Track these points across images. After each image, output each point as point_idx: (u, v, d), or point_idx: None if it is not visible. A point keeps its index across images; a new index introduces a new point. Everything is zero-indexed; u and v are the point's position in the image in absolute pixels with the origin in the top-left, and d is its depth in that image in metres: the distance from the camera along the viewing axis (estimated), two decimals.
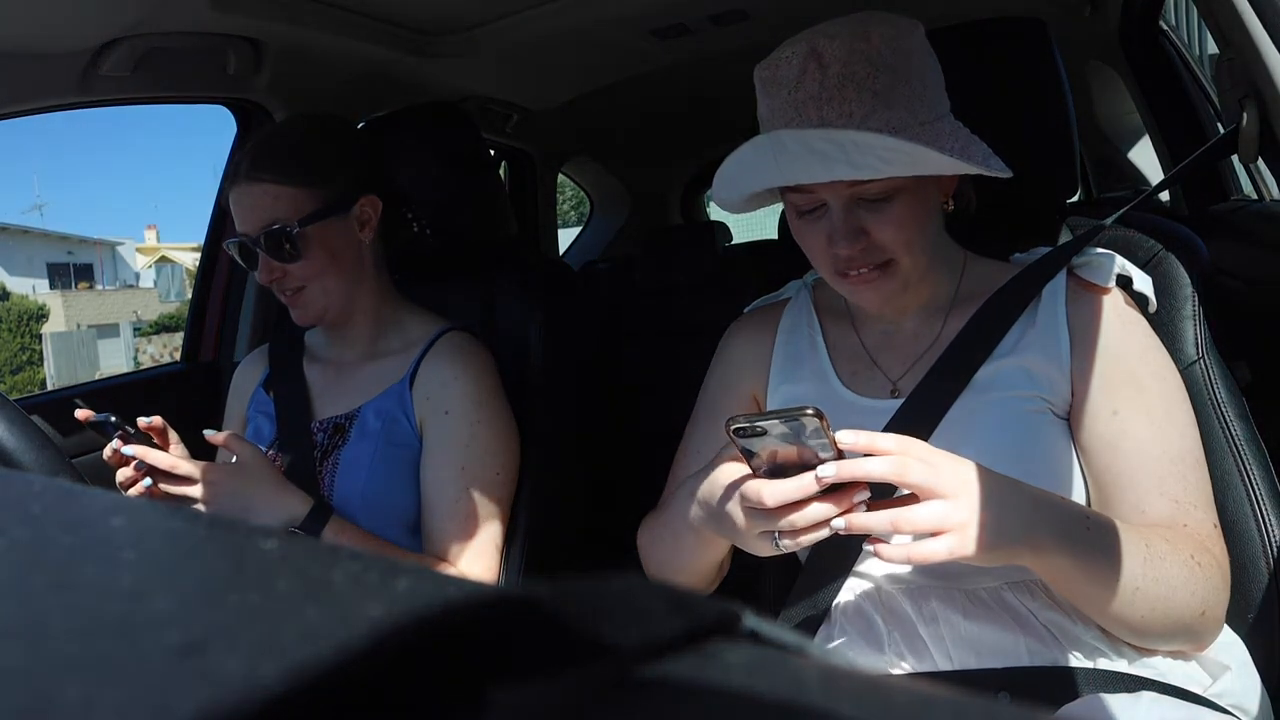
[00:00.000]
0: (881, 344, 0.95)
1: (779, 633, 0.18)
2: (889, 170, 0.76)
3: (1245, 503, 0.89)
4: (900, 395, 0.90)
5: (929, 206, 0.85)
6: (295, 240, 1.11)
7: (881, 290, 0.86)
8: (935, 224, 0.88)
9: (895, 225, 0.82)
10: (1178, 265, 0.98)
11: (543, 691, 0.15)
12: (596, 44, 1.76)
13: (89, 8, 1.17)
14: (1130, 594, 0.72)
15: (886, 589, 0.86)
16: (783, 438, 0.67)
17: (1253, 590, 0.88)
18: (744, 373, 1.01)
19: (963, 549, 0.65)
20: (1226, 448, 0.91)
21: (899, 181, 0.80)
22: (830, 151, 0.77)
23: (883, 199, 0.82)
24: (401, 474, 1.13)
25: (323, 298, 1.14)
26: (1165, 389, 0.83)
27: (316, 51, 1.50)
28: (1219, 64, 0.99)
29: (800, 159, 0.79)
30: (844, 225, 0.82)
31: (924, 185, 0.83)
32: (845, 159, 0.77)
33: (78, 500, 0.26)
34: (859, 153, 0.76)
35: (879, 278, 0.85)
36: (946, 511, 0.66)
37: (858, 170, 0.77)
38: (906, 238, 0.83)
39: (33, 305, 18.39)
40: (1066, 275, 0.89)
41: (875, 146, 0.75)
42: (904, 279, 0.86)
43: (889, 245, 0.83)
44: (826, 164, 0.78)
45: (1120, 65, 1.73)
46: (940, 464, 0.67)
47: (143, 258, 27.28)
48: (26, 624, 0.17)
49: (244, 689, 0.14)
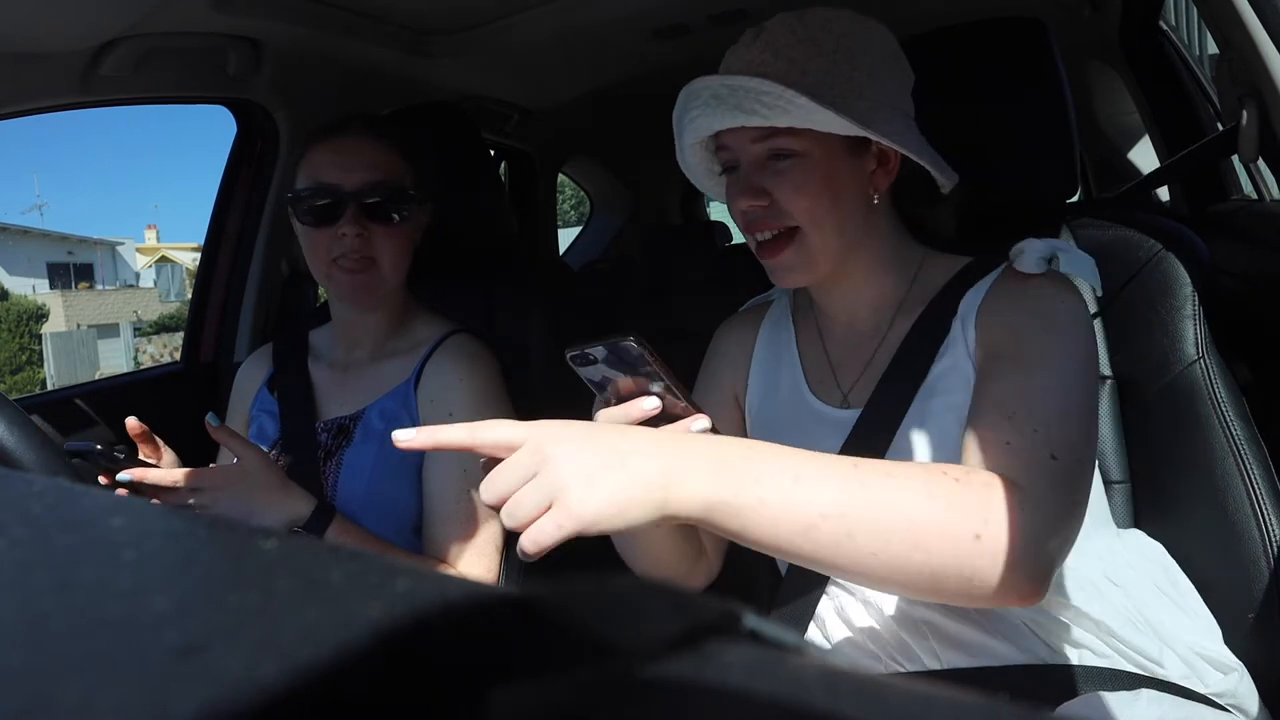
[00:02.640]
0: (840, 348, 0.95)
1: (779, 633, 0.18)
2: (771, 116, 0.80)
3: (1245, 503, 0.89)
4: (849, 405, 0.90)
5: (838, 182, 0.85)
6: (407, 201, 1.14)
7: (789, 264, 0.87)
8: (852, 206, 0.86)
9: (795, 187, 0.84)
10: (1178, 265, 0.98)
11: (543, 691, 0.15)
12: (596, 44, 1.76)
13: (89, 8, 1.17)
14: (840, 521, 0.61)
15: (864, 593, 0.86)
16: (614, 365, 0.70)
17: (1253, 590, 0.88)
18: (726, 372, 1.02)
19: (568, 519, 0.57)
20: (1226, 448, 0.91)
21: (803, 144, 0.83)
22: (726, 96, 0.82)
23: (786, 158, 0.84)
24: (405, 475, 1.13)
25: (387, 276, 1.15)
26: (1051, 363, 0.75)
27: (316, 51, 1.50)
28: (1219, 64, 0.99)
29: (704, 106, 0.84)
30: (747, 179, 0.86)
31: (833, 158, 0.84)
32: (735, 103, 0.81)
33: (78, 500, 0.26)
34: (748, 98, 0.80)
35: (786, 251, 0.86)
36: (527, 468, 0.58)
37: (745, 115, 0.81)
38: (808, 204, 0.84)
39: (33, 305, 18.38)
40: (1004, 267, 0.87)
41: (762, 92, 0.79)
42: (810, 253, 0.86)
43: (789, 208, 0.84)
44: (720, 109, 0.83)
45: (1120, 65, 1.73)
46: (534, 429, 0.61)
47: (143, 258, 27.28)
48: (26, 624, 0.17)
49: (244, 689, 0.14)
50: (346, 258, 1.12)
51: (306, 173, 1.13)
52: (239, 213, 1.70)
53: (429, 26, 1.59)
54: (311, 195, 1.12)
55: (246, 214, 1.69)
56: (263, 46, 1.43)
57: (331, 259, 1.12)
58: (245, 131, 1.66)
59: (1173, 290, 0.97)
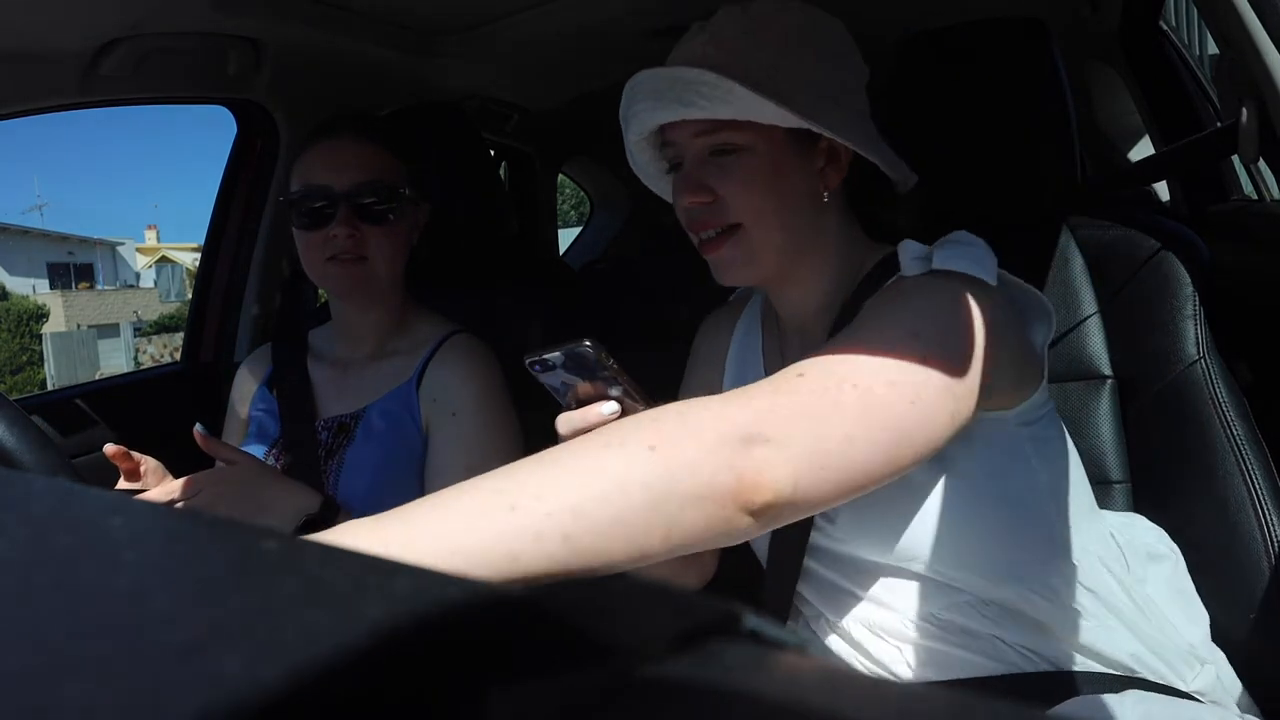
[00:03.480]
0: (795, 352, 0.92)
1: (779, 632, 0.18)
2: (710, 108, 0.78)
3: (1246, 502, 0.89)
4: None
5: (785, 180, 0.82)
6: (399, 200, 1.14)
7: (729, 260, 0.84)
8: (799, 205, 0.83)
9: (739, 183, 0.81)
10: (1178, 265, 0.98)
11: (543, 691, 0.15)
12: (596, 44, 1.76)
13: (89, 8, 1.17)
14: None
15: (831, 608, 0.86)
16: (572, 371, 0.69)
17: (1254, 590, 0.88)
18: (705, 369, 1.01)
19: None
20: (1227, 447, 0.91)
21: (747, 139, 0.80)
22: (665, 90, 0.80)
23: (729, 153, 0.81)
24: (406, 475, 1.13)
25: (381, 274, 1.15)
26: (870, 346, 0.66)
27: (316, 51, 1.50)
28: (1219, 64, 0.99)
29: (644, 100, 0.82)
30: (690, 176, 0.84)
31: (778, 153, 0.81)
32: (675, 97, 0.79)
33: (78, 500, 0.26)
34: (686, 90, 0.78)
35: (726, 246, 0.83)
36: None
37: (684, 107, 0.79)
38: (752, 201, 0.81)
39: (33, 305, 18.38)
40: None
41: (700, 83, 0.77)
42: (753, 250, 0.83)
43: (733, 205, 0.82)
44: (660, 102, 0.81)
45: (1120, 65, 1.73)
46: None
47: (143, 258, 27.29)
48: (26, 624, 0.17)
49: (244, 689, 0.14)
50: (339, 256, 1.12)
51: (299, 175, 1.14)
52: (239, 213, 1.70)
53: (429, 26, 1.59)
54: (304, 197, 1.12)
55: (246, 214, 1.69)
56: (263, 46, 1.43)
57: (325, 259, 1.13)
58: (245, 131, 1.66)
59: (1173, 290, 0.97)
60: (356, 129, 1.16)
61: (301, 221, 1.13)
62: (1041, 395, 0.80)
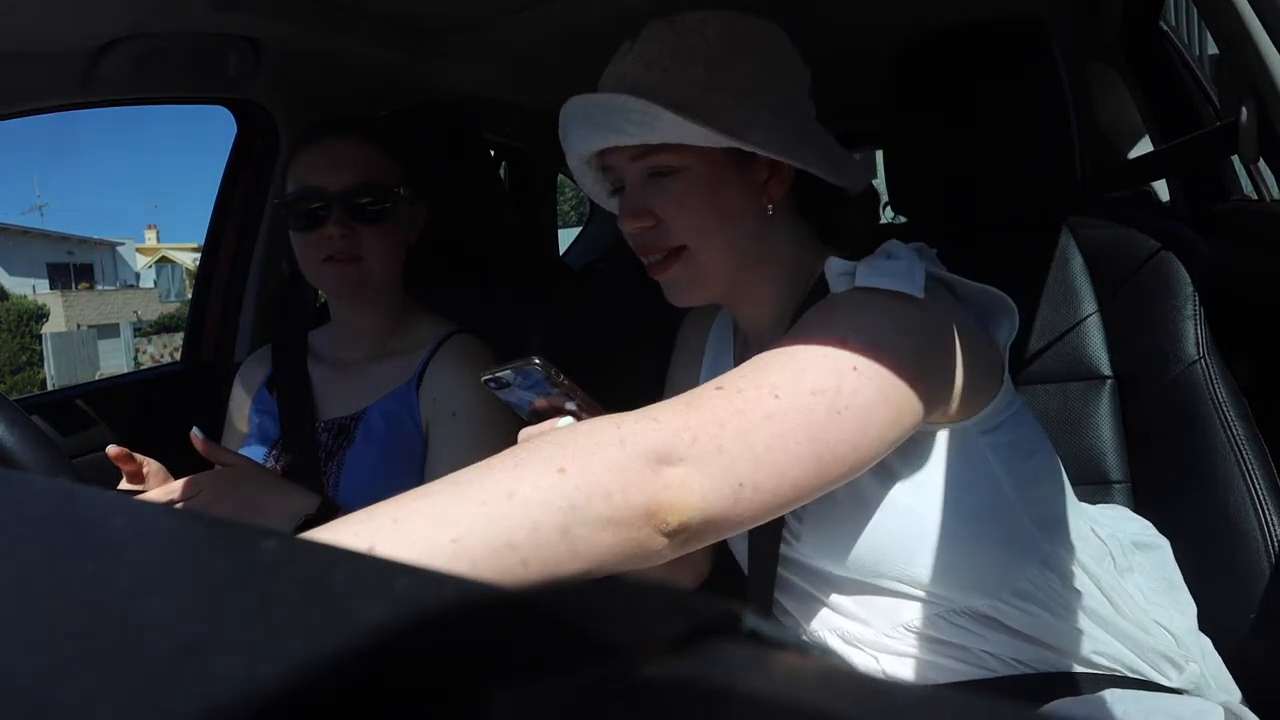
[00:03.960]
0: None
1: (779, 632, 0.18)
2: (640, 134, 0.76)
3: (1246, 502, 0.89)
4: None
5: (725, 196, 0.80)
6: (394, 200, 1.14)
7: (676, 281, 0.83)
8: (743, 221, 0.82)
9: (678, 205, 0.80)
10: (1178, 265, 0.98)
11: (543, 691, 0.15)
12: (596, 44, 1.76)
13: (89, 8, 1.17)
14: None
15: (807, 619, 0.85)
16: (526, 387, 0.71)
17: (1253, 590, 0.88)
18: (686, 370, 1.01)
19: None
20: (1227, 447, 0.91)
21: (682, 159, 0.79)
22: (597, 117, 0.79)
23: (665, 174, 0.80)
24: (406, 475, 1.13)
25: (377, 274, 1.15)
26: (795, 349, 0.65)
27: (316, 51, 1.50)
28: (1219, 64, 0.99)
29: (579, 126, 0.81)
30: (630, 201, 0.83)
31: (715, 170, 0.79)
32: (606, 124, 0.78)
33: (78, 500, 0.26)
34: (616, 117, 0.77)
35: (673, 268, 0.82)
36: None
37: (615, 134, 0.78)
38: (693, 221, 0.80)
39: (33, 305, 18.38)
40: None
41: (629, 110, 0.76)
42: (700, 271, 0.82)
43: (674, 227, 0.80)
44: (593, 129, 0.80)
45: (1120, 65, 1.73)
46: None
47: (143, 258, 27.30)
48: (26, 624, 0.17)
49: (244, 689, 0.14)
50: (334, 257, 1.12)
51: (293, 177, 1.14)
52: (239, 213, 1.70)
53: (429, 26, 1.59)
54: (298, 199, 1.13)
55: (246, 214, 1.69)
56: (263, 46, 1.43)
57: (321, 259, 1.13)
58: (245, 131, 1.66)
59: (1173, 290, 0.97)
60: (349, 129, 1.16)
61: (296, 223, 1.13)
62: (1004, 398, 0.78)
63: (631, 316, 1.98)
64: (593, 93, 0.81)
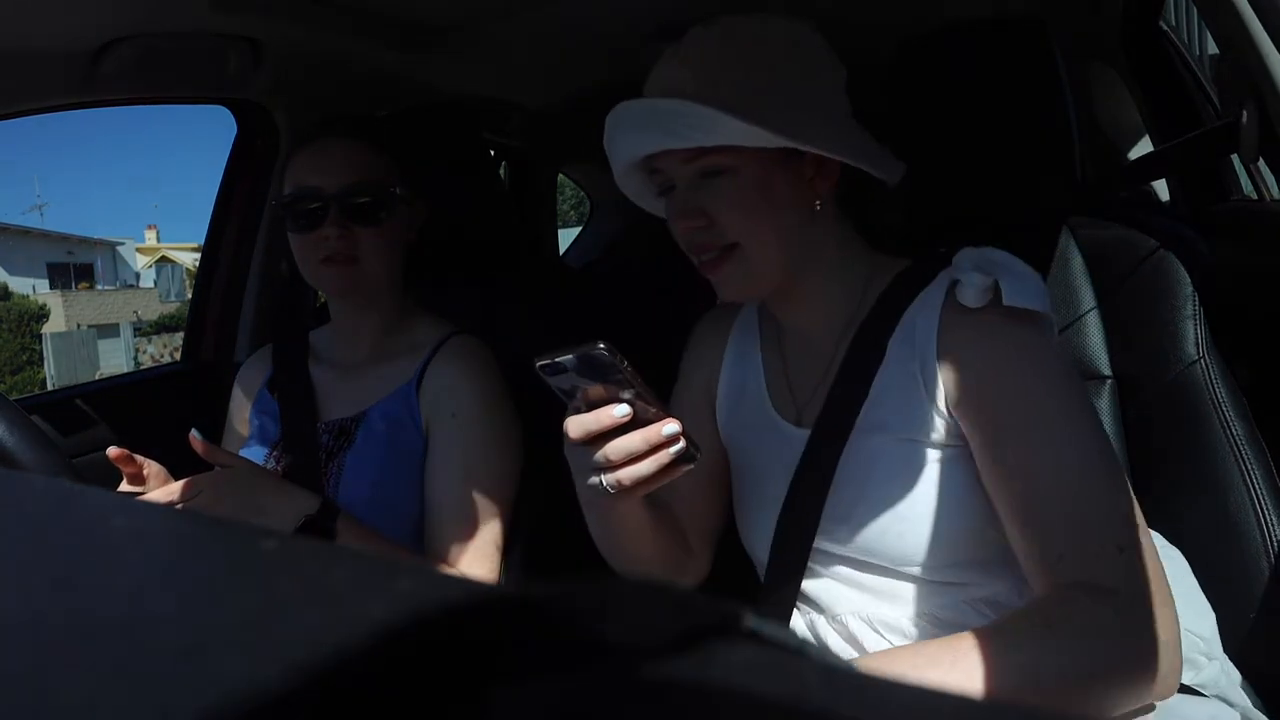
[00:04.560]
0: (797, 361, 0.93)
1: (779, 632, 0.18)
2: (697, 138, 0.78)
3: (1246, 502, 0.89)
4: (803, 423, 0.88)
5: (776, 194, 0.82)
6: (391, 200, 1.14)
7: (728, 279, 0.84)
8: (794, 218, 0.84)
9: (731, 205, 0.81)
10: (1178, 265, 0.98)
11: (543, 691, 0.15)
12: (597, 44, 1.76)
13: (89, 8, 1.17)
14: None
15: (833, 610, 0.86)
16: (583, 374, 0.69)
17: (1253, 589, 0.88)
18: (701, 370, 1.01)
19: None
20: (1227, 447, 0.91)
21: (733, 160, 0.80)
22: (649, 121, 0.80)
23: (717, 174, 0.82)
24: (406, 476, 1.13)
25: (374, 274, 1.15)
26: (1052, 419, 0.75)
27: (316, 51, 1.50)
28: (1219, 64, 0.99)
29: (627, 131, 0.83)
30: (682, 201, 0.84)
31: (766, 169, 0.81)
32: (660, 127, 0.80)
33: (78, 500, 0.26)
34: (671, 121, 0.79)
35: (725, 265, 0.84)
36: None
37: (671, 138, 0.79)
38: (745, 221, 0.82)
39: (33, 305, 18.38)
40: (948, 290, 0.82)
41: (684, 114, 0.78)
42: (752, 268, 0.83)
43: (727, 226, 0.82)
44: (645, 133, 0.81)
45: (1120, 65, 1.73)
46: None
47: (143, 258, 27.30)
48: (26, 624, 0.17)
49: (244, 689, 0.14)
50: (332, 258, 1.12)
51: (290, 178, 1.14)
52: (239, 213, 1.70)
53: (429, 26, 1.59)
54: (295, 200, 1.13)
55: (246, 214, 1.69)
56: (263, 46, 1.43)
57: (319, 260, 1.13)
58: (245, 131, 1.66)
59: (1173, 290, 0.97)
60: (345, 129, 1.15)
61: (294, 224, 1.13)
62: None
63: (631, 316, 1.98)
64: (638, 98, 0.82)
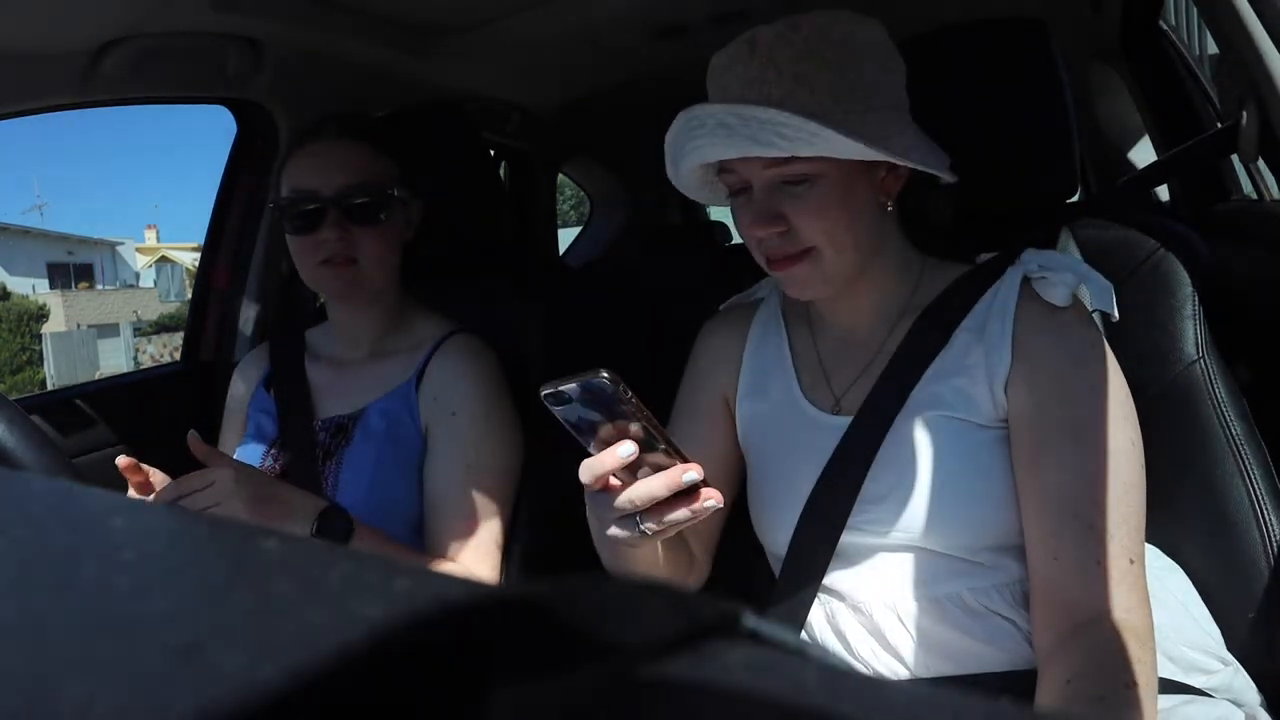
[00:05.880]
0: (835, 353, 0.93)
1: (779, 632, 0.18)
2: (790, 148, 0.77)
3: (1245, 502, 0.89)
4: (842, 411, 0.89)
5: (855, 198, 0.82)
6: (389, 200, 1.13)
7: (803, 279, 0.84)
8: (868, 219, 0.84)
9: (813, 211, 0.81)
10: (1178, 265, 0.98)
11: (543, 691, 0.15)
12: (596, 44, 1.76)
13: (89, 8, 1.17)
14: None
15: (855, 599, 0.86)
16: (589, 404, 0.66)
17: (1253, 590, 0.88)
18: (715, 373, 1.00)
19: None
20: (1226, 447, 0.91)
21: (818, 166, 0.80)
22: (737, 127, 0.78)
23: (801, 182, 0.81)
24: (405, 474, 1.13)
25: (373, 275, 1.15)
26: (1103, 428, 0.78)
27: (316, 51, 1.50)
28: (1219, 64, 0.99)
29: (710, 134, 0.80)
30: (761, 207, 0.83)
31: (849, 175, 0.81)
32: (750, 135, 0.77)
33: (78, 500, 0.26)
34: (763, 129, 0.77)
35: (800, 265, 0.83)
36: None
37: (761, 146, 0.77)
38: (826, 226, 0.82)
39: (33, 305, 18.37)
40: (1021, 286, 0.85)
41: (779, 124, 0.76)
42: (826, 270, 0.84)
43: (807, 232, 0.82)
44: (732, 139, 0.79)
45: (1120, 65, 1.73)
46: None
47: (143, 258, 27.30)
48: (26, 624, 0.17)
49: (244, 689, 0.14)
50: (330, 259, 1.12)
51: (287, 180, 1.14)
52: (239, 213, 1.70)
53: (429, 26, 1.59)
54: (292, 202, 1.12)
55: (246, 214, 1.69)
56: (263, 46, 1.43)
57: (317, 262, 1.12)
58: (245, 131, 1.66)
59: (1173, 290, 0.97)
60: (342, 130, 1.15)
61: (291, 226, 1.13)
62: None
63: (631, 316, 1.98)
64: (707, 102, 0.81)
